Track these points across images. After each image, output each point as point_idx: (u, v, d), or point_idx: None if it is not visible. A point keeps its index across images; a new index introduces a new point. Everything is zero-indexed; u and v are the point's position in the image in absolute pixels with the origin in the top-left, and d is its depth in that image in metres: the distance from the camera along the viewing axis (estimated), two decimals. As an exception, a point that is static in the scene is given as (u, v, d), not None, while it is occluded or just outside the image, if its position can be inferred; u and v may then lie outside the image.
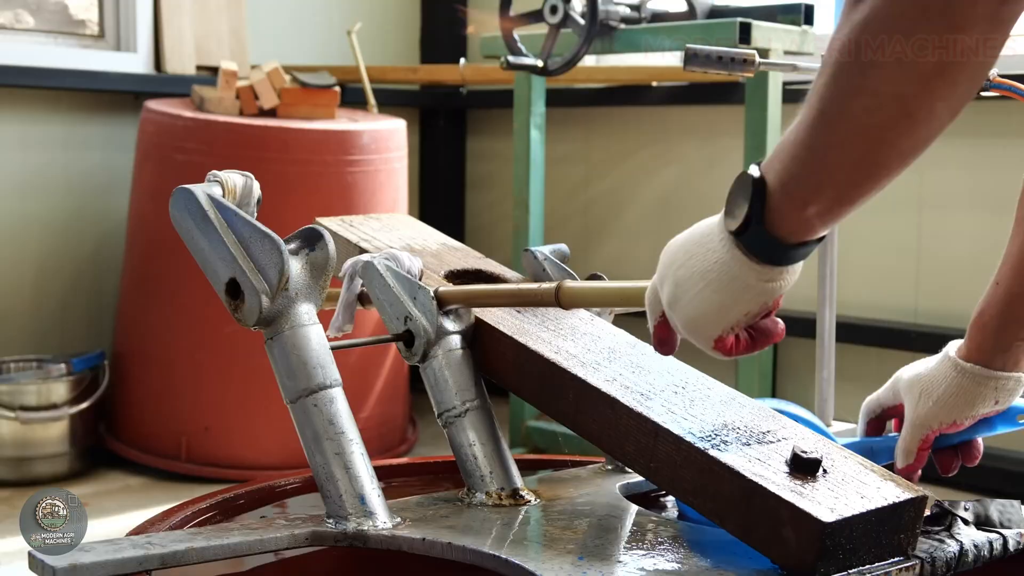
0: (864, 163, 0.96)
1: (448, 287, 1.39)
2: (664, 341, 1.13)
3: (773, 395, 3.31)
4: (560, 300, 1.25)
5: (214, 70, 3.62)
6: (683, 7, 3.07)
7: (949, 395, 1.24)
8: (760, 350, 1.11)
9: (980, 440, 1.28)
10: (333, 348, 1.28)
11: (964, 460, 1.28)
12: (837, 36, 0.95)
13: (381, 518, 1.22)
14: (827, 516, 1.04)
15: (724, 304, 1.04)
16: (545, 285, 1.27)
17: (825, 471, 1.11)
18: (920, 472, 1.26)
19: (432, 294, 1.34)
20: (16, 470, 3.07)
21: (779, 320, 1.10)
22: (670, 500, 1.43)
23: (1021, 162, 2.97)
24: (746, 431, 1.18)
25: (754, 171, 1.01)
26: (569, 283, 1.25)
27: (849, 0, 0.93)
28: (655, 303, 1.12)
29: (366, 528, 1.20)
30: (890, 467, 1.26)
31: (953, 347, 1.26)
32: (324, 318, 1.29)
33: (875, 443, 1.32)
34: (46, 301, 3.56)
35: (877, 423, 1.34)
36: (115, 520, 2.80)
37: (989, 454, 3.07)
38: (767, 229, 1.00)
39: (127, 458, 3.26)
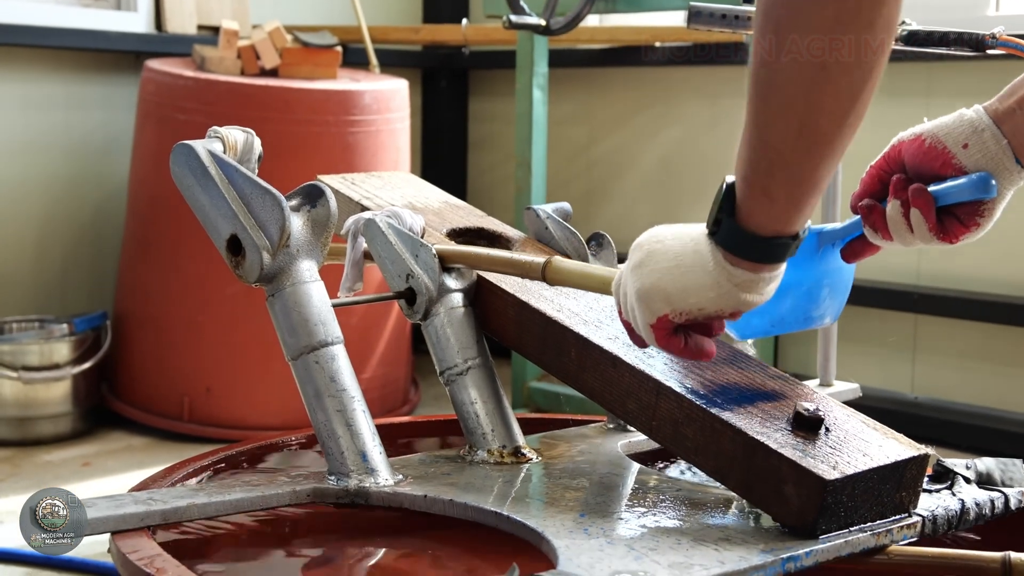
0: (803, 132, 0.97)
1: (449, 246, 1.38)
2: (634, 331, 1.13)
3: (775, 357, 3.31)
4: (545, 276, 1.25)
5: (215, 29, 3.60)
6: (687, -35, 3.04)
7: (944, 119, 1.17)
8: (684, 358, 1.11)
9: (962, 225, 1.16)
10: (335, 305, 1.27)
11: (945, 230, 1.17)
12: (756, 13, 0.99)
13: (383, 475, 1.22)
14: (829, 474, 1.04)
15: (686, 288, 1.05)
16: (536, 259, 1.27)
17: (827, 429, 1.11)
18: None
19: (434, 252, 1.34)
20: (19, 430, 3.07)
21: (714, 344, 1.11)
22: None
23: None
24: (748, 389, 1.18)
25: (729, 178, 1.04)
26: (557, 260, 1.25)
27: None
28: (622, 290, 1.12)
29: (368, 485, 1.20)
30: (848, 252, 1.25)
31: None
32: (328, 277, 1.29)
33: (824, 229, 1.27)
34: (48, 261, 3.56)
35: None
36: (118, 479, 2.81)
37: (988, 415, 3.09)
38: (738, 223, 1.02)
39: (130, 418, 3.26)
